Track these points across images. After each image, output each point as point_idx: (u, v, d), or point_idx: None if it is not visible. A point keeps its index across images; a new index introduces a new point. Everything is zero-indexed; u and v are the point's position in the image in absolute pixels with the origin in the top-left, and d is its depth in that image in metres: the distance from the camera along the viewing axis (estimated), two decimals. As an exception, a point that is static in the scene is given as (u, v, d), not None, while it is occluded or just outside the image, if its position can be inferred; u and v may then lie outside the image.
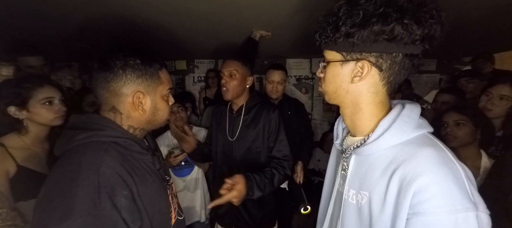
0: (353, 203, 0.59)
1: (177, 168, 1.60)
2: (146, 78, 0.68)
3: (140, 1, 1.18)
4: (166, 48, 2.42)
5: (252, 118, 1.33)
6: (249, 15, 1.41)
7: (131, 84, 0.66)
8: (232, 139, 1.31)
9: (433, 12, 0.46)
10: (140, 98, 0.68)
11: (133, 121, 0.70)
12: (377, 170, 0.54)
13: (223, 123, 1.35)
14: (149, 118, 0.72)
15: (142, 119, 0.71)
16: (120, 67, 0.64)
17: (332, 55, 0.57)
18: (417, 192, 0.45)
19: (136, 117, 0.70)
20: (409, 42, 0.48)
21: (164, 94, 0.74)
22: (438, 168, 0.46)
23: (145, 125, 0.73)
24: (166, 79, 0.74)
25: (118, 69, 0.64)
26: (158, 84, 0.72)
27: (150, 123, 0.74)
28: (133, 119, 0.70)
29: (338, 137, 0.72)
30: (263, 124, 1.32)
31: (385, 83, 0.54)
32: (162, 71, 0.73)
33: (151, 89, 0.70)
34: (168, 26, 1.59)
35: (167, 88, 0.75)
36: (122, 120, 0.69)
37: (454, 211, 0.42)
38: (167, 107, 0.76)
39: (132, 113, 0.69)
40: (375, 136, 0.54)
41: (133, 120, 0.70)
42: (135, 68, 0.66)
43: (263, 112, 1.34)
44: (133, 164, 0.65)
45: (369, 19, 0.47)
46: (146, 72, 0.68)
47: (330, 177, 0.79)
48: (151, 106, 0.71)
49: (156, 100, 0.72)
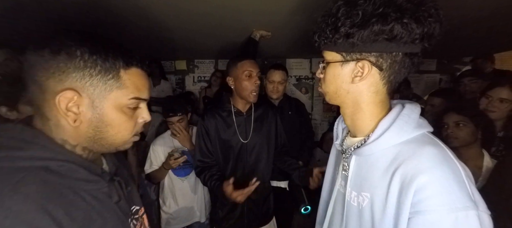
0: (355, 205, 0.59)
1: (177, 168, 1.59)
2: (90, 74, 0.46)
3: (140, 1, 1.18)
4: (166, 48, 2.42)
5: (261, 118, 1.36)
6: (249, 15, 1.41)
7: (63, 77, 0.44)
8: (246, 141, 1.31)
9: (432, 11, 0.46)
10: (72, 101, 0.45)
11: (67, 134, 0.48)
12: (378, 170, 0.54)
13: (229, 126, 1.31)
14: (92, 135, 0.49)
15: (79, 134, 0.48)
16: (52, 51, 0.44)
17: (332, 56, 0.56)
18: (418, 190, 0.45)
19: (68, 129, 0.47)
20: (409, 41, 0.48)
21: (124, 105, 0.50)
22: (439, 166, 0.46)
23: (88, 143, 0.50)
24: (133, 84, 0.51)
25: (49, 52, 0.44)
26: (114, 88, 0.48)
27: (95, 142, 0.50)
28: (64, 130, 0.47)
29: (338, 137, 0.72)
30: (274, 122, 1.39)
31: (386, 82, 0.54)
32: (128, 70, 0.50)
33: (98, 92, 0.47)
34: (168, 26, 1.59)
35: (131, 96, 0.51)
36: (52, 130, 0.47)
37: (455, 210, 0.42)
38: (128, 124, 0.52)
39: (62, 121, 0.47)
40: (375, 136, 0.54)
41: (66, 132, 0.48)
42: (75, 57, 0.44)
43: (269, 111, 1.39)
44: (70, 202, 0.44)
45: (369, 19, 0.47)
46: (93, 65, 0.46)
47: (329, 177, 0.79)
48: (92, 117, 0.48)
49: (105, 110, 0.48)
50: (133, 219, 0.60)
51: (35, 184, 0.41)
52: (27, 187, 0.40)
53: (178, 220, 1.65)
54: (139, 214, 0.65)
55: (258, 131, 1.34)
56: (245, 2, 1.21)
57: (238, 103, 1.31)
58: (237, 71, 1.22)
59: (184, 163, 1.59)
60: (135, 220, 0.61)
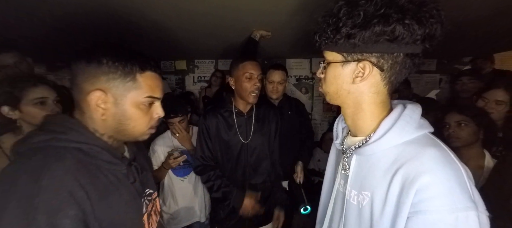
0: (354, 203, 0.59)
1: (177, 168, 1.59)
2: (113, 78, 0.58)
3: (141, 2, 1.18)
4: (166, 48, 2.42)
5: (262, 118, 1.36)
6: (249, 15, 1.41)
7: (93, 80, 0.58)
8: (246, 141, 1.31)
9: (434, 12, 0.46)
10: (99, 98, 0.59)
11: (97, 125, 0.61)
12: (379, 169, 0.54)
13: (230, 127, 1.31)
14: (116, 126, 0.62)
15: (107, 125, 0.62)
16: (86, 60, 0.58)
17: (333, 56, 0.56)
18: (419, 191, 0.45)
19: (98, 120, 0.61)
20: (410, 42, 0.48)
21: (140, 102, 0.62)
22: (441, 167, 0.46)
23: (113, 133, 0.63)
24: (148, 85, 0.63)
25: (84, 62, 0.58)
26: (132, 89, 0.61)
27: (119, 132, 0.63)
28: (95, 121, 0.61)
29: (338, 136, 0.72)
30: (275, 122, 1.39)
31: (387, 83, 0.54)
32: (143, 74, 0.62)
33: (120, 92, 0.60)
34: (168, 26, 1.59)
35: (145, 96, 0.62)
36: (87, 121, 0.61)
37: (455, 210, 0.43)
38: (144, 118, 0.64)
39: (94, 115, 0.60)
40: (377, 136, 0.54)
41: (96, 123, 0.61)
42: (102, 63, 0.58)
43: (270, 112, 1.40)
44: (95, 175, 0.57)
45: (370, 20, 0.47)
46: (115, 70, 0.58)
47: (329, 177, 0.79)
48: (115, 112, 0.61)
49: (125, 107, 0.61)
50: (146, 199, 0.72)
51: (72, 159, 0.54)
52: (66, 161, 0.53)
53: (177, 220, 1.65)
54: (152, 197, 0.77)
55: (259, 131, 1.34)
56: (245, 2, 1.21)
57: (239, 103, 1.31)
58: (238, 72, 1.23)
59: (184, 163, 1.59)
60: (148, 201, 0.73)
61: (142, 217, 0.68)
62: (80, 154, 0.56)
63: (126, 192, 0.63)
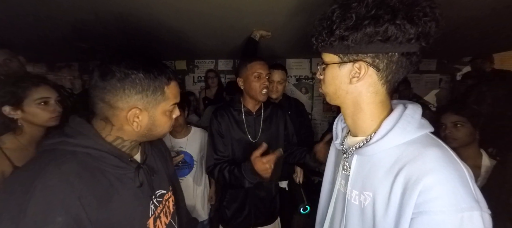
0: (356, 203, 0.59)
1: (176, 168, 1.59)
2: (146, 94, 0.62)
3: (141, 2, 1.18)
4: (166, 48, 2.42)
5: (270, 118, 1.37)
6: (249, 15, 1.41)
7: (128, 100, 0.60)
8: (255, 140, 1.31)
9: (427, 10, 0.46)
10: (136, 115, 0.62)
11: (124, 133, 0.64)
12: (381, 170, 0.54)
13: (239, 125, 1.31)
14: (144, 133, 0.66)
15: (135, 133, 0.65)
16: (119, 79, 0.58)
17: (330, 58, 0.57)
18: (423, 191, 0.45)
19: (128, 130, 0.64)
20: (404, 41, 0.48)
21: (167, 110, 0.68)
22: (444, 167, 0.46)
23: (137, 138, 0.68)
24: (173, 95, 0.68)
25: (116, 81, 0.58)
26: (161, 101, 0.65)
27: (144, 136, 0.68)
28: (124, 131, 0.64)
29: (337, 136, 0.72)
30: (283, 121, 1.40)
31: (384, 82, 0.54)
32: (169, 86, 0.66)
33: (152, 105, 0.64)
34: (168, 26, 1.59)
35: (172, 103, 0.68)
36: (112, 130, 0.63)
37: (460, 210, 0.42)
38: (168, 122, 0.70)
39: (125, 126, 0.63)
40: (378, 136, 0.54)
41: (125, 132, 0.64)
42: (136, 83, 0.60)
43: (278, 111, 1.40)
44: (98, 181, 0.58)
45: (362, 21, 0.48)
46: (148, 87, 0.61)
47: (329, 177, 0.79)
48: (148, 122, 0.65)
49: (156, 116, 0.65)
50: (155, 201, 0.73)
51: (74, 164, 0.55)
52: (66, 165, 0.54)
53: (178, 220, 1.66)
54: (164, 197, 0.78)
55: (267, 130, 1.35)
56: (245, 2, 1.21)
57: (248, 103, 1.32)
58: (246, 72, 1.23)
59: (182, 163, 1.59)
60: (157, 202, 0.74)
61: (146, 221, 0.68)
62: (88, 158, 0.58)
63: (129, 196, 0.64)
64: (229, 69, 3.25)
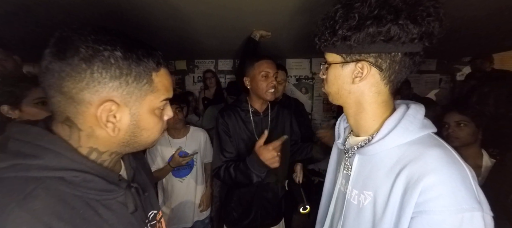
0: (354, 203, 0.59)
1: (176, 168, 1.59)
2: (127, 82, 0.43)
3: (141, 2, 1.18)
4: (166, 48, 2.42)
5: (276, 118, 1.36)
6: (249, 15, 1.41)
7: (99, 88, 0.42)
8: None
9: (430, 10, 0.46)
10: (111, 112, 0.44)
11: (98, 142, 0.46)
12: (382, 169, 0.54)
13: (246, 125, 1.29)
14: (126, 139, 0.48)
15: (114, 140, 0.47)
16: (84, 58, 0.40)
17: (333, 57, 0.57)
18: (424, 191, 0.45)
19: (103, 137, 0.45)
20: (407, 41, 0.48)
21: (156, 107, 0.50)
22: (446, 167, 0.46)
23: (118, 148, 0.49)
24: (163, 86, 0.50)
25: (80, 61, 0.40)
26: (148, 93, 0.47)
27: (127, 146, 0.50)
28: (98, 139, 0.46)
29: (340, 136, 0.72)
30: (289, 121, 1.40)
31: (387, 82, 0.54)
32: (158, 72, 0.48)
33: (134, 99, 0.45)
34: (168, 26, 1.59)
35: (162, 98, 0.50)
36: (81, 139, 0.45)
37: (460, 210, 0.42)
38: (158, 125, 0.52)
39: (97, 131, 0.44)
40: (380, 136, 0.54)
41: (98, 140, 0.46)
42: (110, 64, 0.41)
43: (284, 111, 1.41)
44: (82, 216, 0.42)
45: (364, 21, 0.48)
46: (128, 72, 0.43)
47: (331, 176, 0.79)
48: (130, 124, 0.46)
49: (141, 115, 0.47)
50: (149, 225, 0.59)
51: (45, 198, 0.39)
52: (35, 201, 0.37)
53: (176, 220, 1.65)
54: (157, 218, 0.63)
55: (274, 130, 1.33)
56: (245, 2, 1.21)
57: (255, 103, 1.30)
58: (253, 71, 1.22)
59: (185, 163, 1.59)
60: (152, 226, 0.60)
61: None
62: (60, 185, 0.41)
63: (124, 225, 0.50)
64: (229, 69, 3.25)
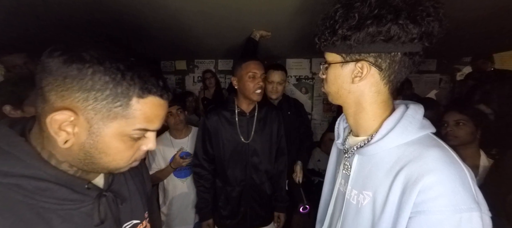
0: (354, 203, 0.59)
1: (177, 169, 1.60)
2: (96, 98, 0.40)
3: (140, 2, 1.18)
4: (166, 48, 2.42)
5: (264, 119, 1.37)
6: (249, 15, 1.41)
7: (65, 94, 0.40)
8: (247, 141, 1.32)
9: (430, 10, 0.46)
10: (65, 121, 0.40)
11: (55, 149, 0.43)
12: (382, 169, 0.54)
13: (231, 126, 1.32)
14: (81, 157, 0.44)
15: (69, 153, 0.44)
16: (65, 61, 0.39)
17: (332, 57, 0.57)
18: (422, 191, 0.45)
19: (57, 145, 0.42)
20: (407, 41, 0.48)
21: (126, 135, 0.44)
22: (445, 167, 0.46)
23: (76, 164, 0.45)
24: (143, 115, 0.44)
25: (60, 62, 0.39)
26: (118, 116, 0.42)
27: (84, 164, 0.45)
28: (54, 145, 0.43)
29: (339, 136, 0.72)
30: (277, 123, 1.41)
31: (387, 82, 0.54)
32: (141, 100, 0.43)
33: (99, 118, 0.42)
34: (169, 26, 1.59)
35: (136, 128, 0.45)
36: (44, 141, 0.43)
37: (458, 211, 0.42)
38: (126, 153, 0.47)
39: (51, 138, 0.42)
40: (379, 136, 0.54)
41: (55, 147, 0.43)
42: (85, 75, 0.39)
43: (272, 112, 1.41)
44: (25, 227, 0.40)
45: (364, 21, 0.48)
46: (102, 88, 0.40)
47: (330, 176, 0.79)
48: (85, 142, 0.43)
49: (102, 137, 0.43)
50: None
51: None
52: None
53: (177, 221, 1.65)
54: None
55: (260, 131, 1.34)
56: (245, 2, 1.21)
57: (242, 103, 1.32)
58: (241, 72, 1.23)
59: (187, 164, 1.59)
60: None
61: None
62: (13, 194, 0.39)
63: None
64: (229, 69, 3.25)
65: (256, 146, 1.33)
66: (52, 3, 1.17)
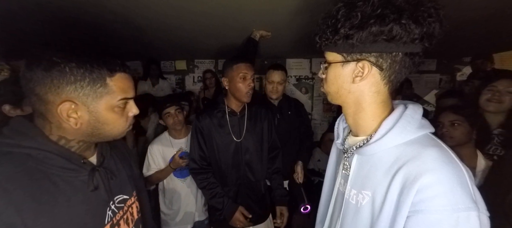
0: (353, 203, 0.59)
1: (177, 169, 1.60)
2: (81, 86, 0.54)
3: (141, 2, 1.18)
4: (166, 48, 2.42)
5: (254, 117, 1.39)
6: (249, 15, 1.41)
7: (59, 91, 0.53)
8: (239, 140, 1.33)
9: (431, 11, 0.47)
10: (71, 109, 0.55)
11: (66, 132, 0.57)
12: (381, 169, 0.54)
13: (223, 126, 1.33)
14: (89, 131, 0.59)
15: (79, 131, 0.58)
16: (45, 68, 0.51)
17: (333, 57, 0.57)
18: (420, 190, 0.45)
19: (68, 129, 0.57)
20: (408, 41, 0.48)
21: (114, 106, 0.60)
22: (443, 167, 0.46)
23: (84, 137, 0.60)
24: (119, 88, 0.59)
25: (42, 71, 0.51)
26: (103, 94, 0.57)
27: (91, 136, 0.60)
28: (65, 130, 0.57)
29: (338, 136, 0.72)
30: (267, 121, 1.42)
31: (387, 82, 0.54)
32: (113, 77, 0.58)
33: (91, 99, 0.56)
34: (169, 26, 1.59)
35: (119, 98, 0.60)
36: (52, 129, 0.57)
37: (456, 210, 0.42)
38: (120, 120, 0.62)
39: (63, 124, 0.56)
40: (378, 136, 0.54)
41: (65, 131, 0.57)
42: (65, 72, 0.52)
43: (262, 111, 1.43)
44: (39, 185, 0.52)
45: (367, 20, 0.48)
46: (82, 78, 0.54)
47: (330, 176, 0.79)
48: (89, 119, 0.57)
49: (99, 112, 0.58)
50: (113, 207, 0.67)
51: (8, 166, 0.50)
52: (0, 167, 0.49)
53: (177, 221, 1.65)
54: (126, 203, 0.72)
55: (252, 130, 1.37)
56: (245, 2, 1.21)
57: (232, 103, 1.33)
58: (232, 73, 1.24)
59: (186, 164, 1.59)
60: (116, 208, 0.68)
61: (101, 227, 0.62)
62: (27, 159, 0.52)
63: (80, 201, 0.58)
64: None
65: (248, 144, 1.35)
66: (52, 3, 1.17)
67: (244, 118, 1.35)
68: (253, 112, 1.40)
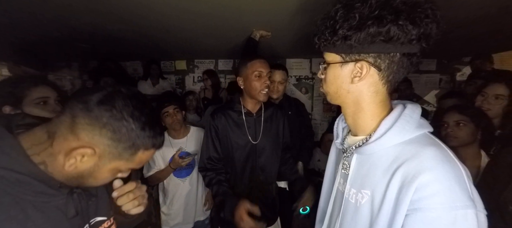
0: (352, 202, 0.60)
1: (178, 169, 1.60)
2: (117, 146, 0.49)
3: (141, 2, 1.19)
4: (166, 48, 2.43)
5: (270, 118, 1.35)
6: (249, 15, 1.41)
7: (96, 138, 0.47)
8: (255, 142, 1.30)
9: (428, 12, 0.47)
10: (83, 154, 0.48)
11: (53, 164, 0.49)
12: (380, 168, 0.54)
13: (239, 127, 1.29)
14: (73, 176, 0.51)
15: (64, 171, 0.50)
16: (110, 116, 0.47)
17: (332, 57, 0.58)
18: (419, 188, 0.46)
19: (58, 163, 0.49)
20: (405, 41, 0.49)
21: (118, 171, 0.54)
22: (441, 166, 0.46)
23: (62, 177, 0.51)
24: (139, 161, 0.55)
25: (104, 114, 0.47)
26: (122, 158, 0.51)
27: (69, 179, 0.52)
28: (54, 161, 0.49)
29: (338, 136, 0.73)
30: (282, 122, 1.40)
31: (385, 82, 0.55)
32: (146, 152, 0.53)
33: (110, 158, 0.50)
34: (169, 26, 1.59)
35: (129, 168, 0.56)
36: (44, 151, 0.49)
37: (454, 208, 0.43)
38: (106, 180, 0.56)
39: (59, 157, 0.48)
40: (377, 135, 0.55)
41: (54, 162, 0.49)
42: (119, 133, 0.48)
43: (278, 112, 1.40)
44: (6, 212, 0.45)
45: (365, 21, 0.48)
46: (126, 140, 0.49)
47: (329, 176, 0.80)
48: (85, 169, 0.50)
49: (101, 168, 0.51)
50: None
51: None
52: None
53: (177, 221, 1.66)
54: (102, 225, 0.64)
55: (268, 132, 1.33)
56: (245, 2, 1.22)
57: (248, 103, 1.29)
58: (247, 71, 1.20)
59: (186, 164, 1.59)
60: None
61: None
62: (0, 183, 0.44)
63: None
64: (229, 69, 3.25)
65: (264, 146, 1.32)
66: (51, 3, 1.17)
67: (260, 119, 1.31)
68: (269, 113, 1.35)
